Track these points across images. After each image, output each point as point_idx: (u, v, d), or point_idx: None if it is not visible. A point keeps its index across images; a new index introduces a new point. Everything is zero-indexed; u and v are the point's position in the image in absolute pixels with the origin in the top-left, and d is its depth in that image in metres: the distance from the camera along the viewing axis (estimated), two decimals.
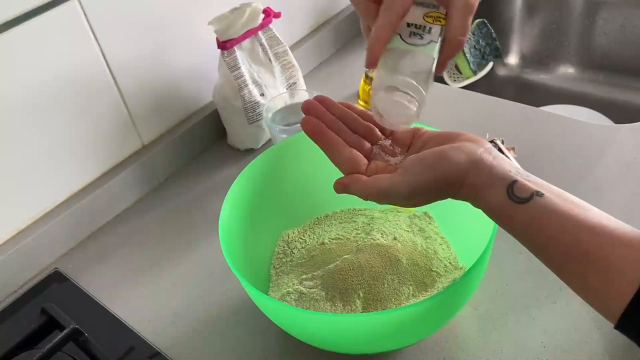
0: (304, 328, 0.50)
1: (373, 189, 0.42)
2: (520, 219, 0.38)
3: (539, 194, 0.38)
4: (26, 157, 0.65)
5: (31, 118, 0.63)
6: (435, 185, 0.41)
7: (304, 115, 0.46)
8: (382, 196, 0.42)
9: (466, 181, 0.40)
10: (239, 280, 0.48)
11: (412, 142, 0.47)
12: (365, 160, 0.45)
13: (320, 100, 0.47)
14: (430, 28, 0.44)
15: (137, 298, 0.63)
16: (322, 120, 0.46)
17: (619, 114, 1.00)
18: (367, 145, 0.47)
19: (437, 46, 0.44)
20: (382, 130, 0.48)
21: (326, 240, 0.60)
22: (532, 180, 0.39)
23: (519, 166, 0.41)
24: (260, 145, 0.82)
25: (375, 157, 0.46)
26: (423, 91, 0.44)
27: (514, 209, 0.38)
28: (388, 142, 0.47)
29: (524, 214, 0.38)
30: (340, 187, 0.44)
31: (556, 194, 0.38)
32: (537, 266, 0.40)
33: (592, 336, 0.52)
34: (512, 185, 0.38)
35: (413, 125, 0.47)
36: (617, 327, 0.35)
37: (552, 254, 0.38)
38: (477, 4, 0.44)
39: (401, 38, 0.44)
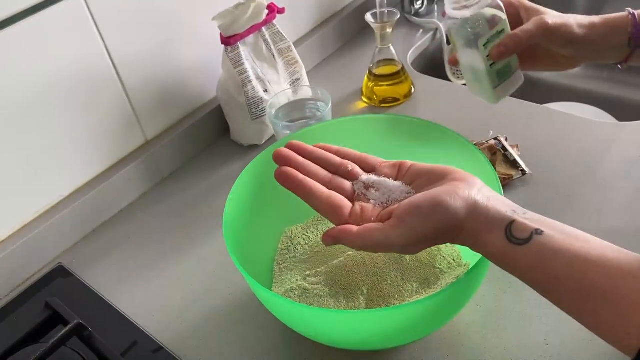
0: (307, 324, 0.50)
1: (366, 241, 0.41)
2: (523, 262, 0.37)
3: (538, 232, 0.37)
4: (30, 153, 0.65)
5: (34, 113, 0.63)
6: (434, 235, 0.40)
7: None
8: (376, 248, 0.41)
9: (465, 227, 0.39)
10: (243, 275, 0.48)
11: (397, 177, 0.45)
12: (347, 203, 0.44)
13: (291, 147, 0.47)
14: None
15: (141, 293, 0.63)
16: (295, 168, 0.45)
17: (623, 111, 1.00)
18: (348, 184, 0.45)
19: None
20: (362, 166, 0.47)
21: None
22: (529, 218, 0.38)
23: (513, 204, 0.40)
24: (263, 142, 0.82)
25: (359, 197, 0.45)
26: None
27: (515, 251, 0.37)
28: (371, 179, 0.45)
29: (526, 256, 0.37)
30: (330, 239, 0.42)
31: (555, 229, 0.37)
32: None
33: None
34: (510, 227, 0.38)
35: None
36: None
37: (560, 294, 0.37)
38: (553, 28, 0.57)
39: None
